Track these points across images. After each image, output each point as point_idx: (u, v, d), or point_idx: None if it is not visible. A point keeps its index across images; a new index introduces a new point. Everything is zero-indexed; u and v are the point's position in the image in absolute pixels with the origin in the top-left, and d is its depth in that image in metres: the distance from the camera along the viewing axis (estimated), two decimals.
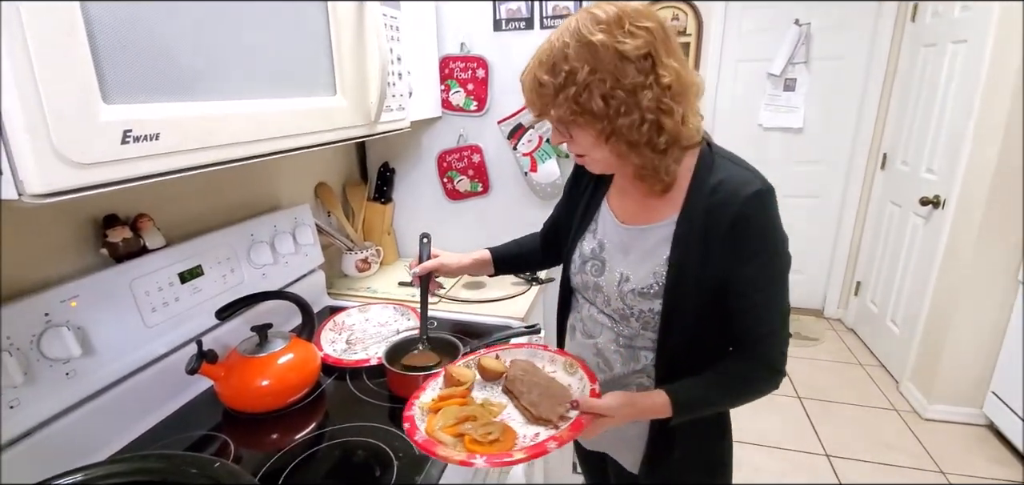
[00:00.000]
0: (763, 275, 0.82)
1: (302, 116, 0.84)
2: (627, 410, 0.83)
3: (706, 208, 0.81)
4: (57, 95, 0.49)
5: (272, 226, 1.27)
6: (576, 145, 0.85)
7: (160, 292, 0.99)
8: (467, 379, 0.94)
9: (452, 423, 0.82)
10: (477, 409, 0.86)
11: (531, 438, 0.80)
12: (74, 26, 0.50)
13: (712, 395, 0.87)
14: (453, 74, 1.59)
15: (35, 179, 0.48)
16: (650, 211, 0.88)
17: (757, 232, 0.80)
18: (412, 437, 0.80)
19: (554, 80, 0.76)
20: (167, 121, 0.60)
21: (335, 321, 1.34)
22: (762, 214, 0.79)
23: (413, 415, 0.85)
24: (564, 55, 0.75)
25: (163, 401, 1.00)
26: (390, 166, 1.77)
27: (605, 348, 0.95)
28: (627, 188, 0.93)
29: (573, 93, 0.76)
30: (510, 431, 0.82)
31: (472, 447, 0.77)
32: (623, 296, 0.89)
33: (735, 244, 0.79)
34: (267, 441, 0.94)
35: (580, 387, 0.91)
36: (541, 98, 0.80)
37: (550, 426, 0.82)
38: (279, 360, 1.00)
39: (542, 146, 1.58)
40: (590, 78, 0.74)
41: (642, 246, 0.88)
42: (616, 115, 0.76)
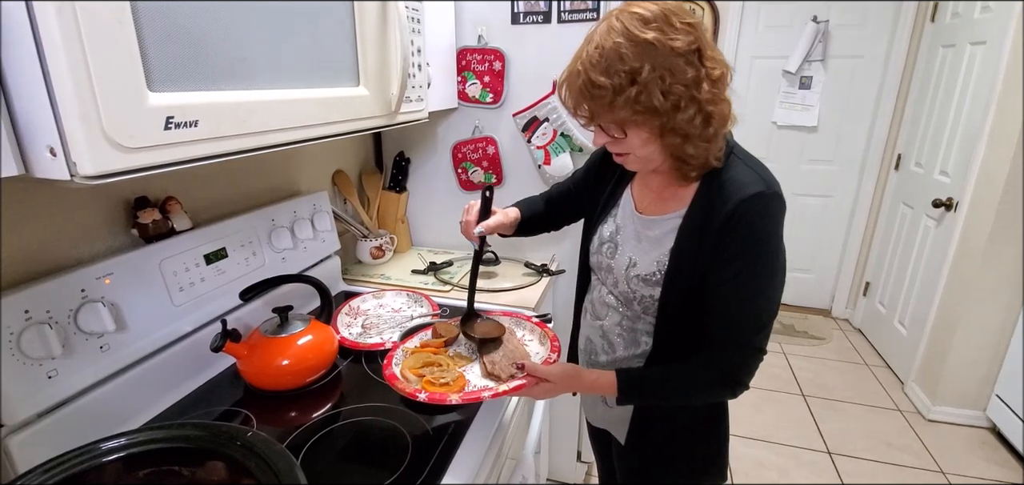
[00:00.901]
0: (741, 281, 0.80)
1: (328, 105, 0.87)
2: (570, 381, 0.93)
3: (709, 204, 0.82)
4: (108, 83, 0.52)
5: (292, 212, 1.31)
6: (625, 144, 0.84)
7: (187, 272, 1.02)
8: (447, 333, 1.09)
9: (419, 366, 0.99)
10: (445, 358, 1.03)
11: (478, 389, 0.93)
12: (123, 18, 0.53)
13: (662, 387, 0.90)
14: (470, 66, 1.61)
15: (87, 162, 0.52)
16: (664, 203, 0.91)
17: (744, 235, 0.79)
18: (385, 370, 0.97)
19: (612, 82, 0.75)
20: (205, 108, 0.63)
21: (350, 306, 1.38)
22: (755, 218, 0.79)
23: (395, 355, 1.02)
24: (619, 56, 0.75)
25: (189, 376, 1.04)
26: (405, 155, 1.80)
27: (610, 330, 0.99)
28: (649, 179, 0.96)
29: (634, 93, 0.75)
30: (462, 378, 0.96)
31: (425, 386, 0.92)
32: (629, 280, 0.92)
33: (724, 243, 0.80)
34: (287, 418, 0.97)
35: (544, 355, 1.04)
36: (597, 101, 0.78)
37: (498, 381, 0.94)
38: (299, 341, 1.03)
39: (556, 139, 1.60)
40: (650, 76, 0.74)
41: (652, 235, 0.91)
42: (675, 110, 0.77)
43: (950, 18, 2.71)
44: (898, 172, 3.13)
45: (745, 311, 0.82)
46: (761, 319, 0.82)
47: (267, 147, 0.74)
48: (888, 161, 3.21)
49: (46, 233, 0.85)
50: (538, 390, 0.92)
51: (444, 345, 1.07)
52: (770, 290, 0.82)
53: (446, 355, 1.04)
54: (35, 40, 0.47)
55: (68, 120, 0.50)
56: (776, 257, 0.81)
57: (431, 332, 1.12)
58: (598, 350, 1.02)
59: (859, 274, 3.49)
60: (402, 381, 0.93)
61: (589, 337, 1.05)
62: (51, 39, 0.47)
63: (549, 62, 1.55)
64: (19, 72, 0.49)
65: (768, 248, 0.80)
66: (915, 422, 2.53)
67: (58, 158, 0.52)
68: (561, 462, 2.03)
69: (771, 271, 0.81)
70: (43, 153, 0.52)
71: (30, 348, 0.75)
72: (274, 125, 0.74)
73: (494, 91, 1.62)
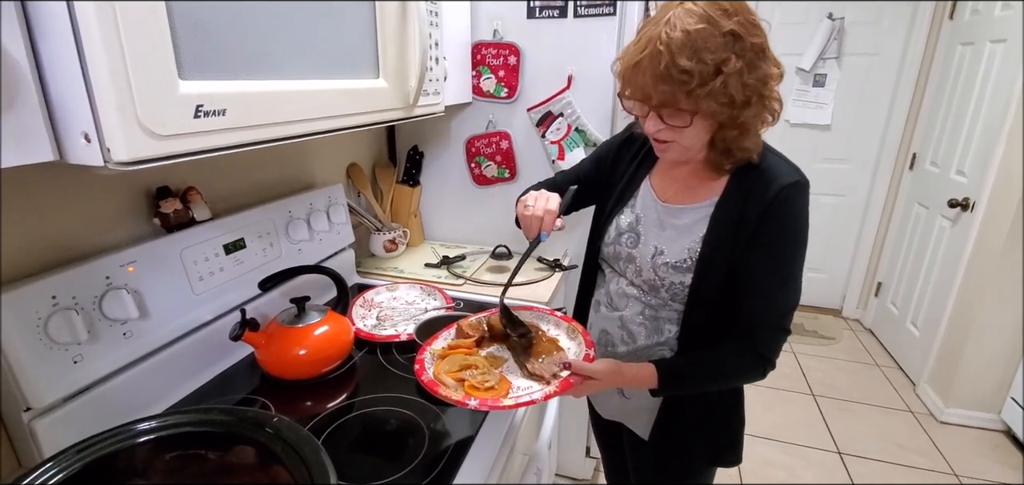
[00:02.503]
0: (777, 264, 0.85)
1: (349, 97, 0.87)
2: (614, 377, 0.91)
3: (747, 193, 0.86)
4: (143, 71, 0.52)
5: (308, 204, 1.32)
6: (681, 134, 0.84)
7: (206, 262, 1.04)
8: (476, 332, 1.04)
9: (456, 369, 0.93)
10: (480, 360, 0.97)
11: (524, 391, 0.89)
12: (157, 8, 0.54)
13: (700, 373, 0.92)
14: (485, 60, 1.61)
15: (121, 148, 0.52)
16: (692, 191, 0.93)
17: (782, 221, 0.84)
18: (420, 377, 0.90)
19: (698, 68, 0.75)
20: (233, 97, 0.64)
21: (365, 298, 1.39)
22: (792, 205, 0.83)
23: (424, 359, 0.96)
24: (706, 44, 0.74)
25: (208, 364, 1.05)
26: (419, 149, 1.81)
27: (630, 320, 1.00)
28: (674, 170, 0.97)
29: (719, 83, 0.75)
30: (505, 381, 0.91)
31: (470, 391, 0.87)
32: (656, 268, 0.94)
33: (762, 229, 0.84)
34: (304, 407, 0.98)
35: (578, 351, 0.99)
36: (680, 86, 0.77)
37: (542, 382, 0.90)
38: (316, 331, 1.04)
39: (570, 134, 1.60)
40: (734, 68, 0.75)
41: (679, 223, 0.93)
42: (746, 105, 0.79)
43: (970, 15, 2.67)
44: (912, 171, 3.10)
45: (781, 295, 0.86)
46: (792, 302, 0.87)
47: (291, 137, 0.74)
48: (903, 160, 3.18)
49: (72, 220, 0.86)
50: (583, 388, 0.91)
51: (475, 345, 1.02)
52: (798, 274, 0.87)
53: (479, 355, 0.99)
54: (73, 29, 0.48)
55: (104, 107, 0.51)
56: (804, 242, 0.86)
57: (456, 330, 1.06)
58: (616, 341, 1.03)
59: (871, 274, 3.46)
60: (443, 388, 0.87)
61: (604, 329, 1.06)
62: (89, 29, 0.48)
63: (564, 57, 1.55)
64: (56, 60, 0.50)
65: (802, 235, 0.85)
66: (927, 424, 2.51)
67: (92, 144, 0.53)
68: (570, 458, 2.03)
69: (802, 256, 0.86)
70: (78, 139, 0.52)
71: (57, 333, 0.77)
72: (298, 115, 0.74)
73: (508, 86, 1.62)
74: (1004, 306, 2.31)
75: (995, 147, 2.31)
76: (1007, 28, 2.33)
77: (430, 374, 0.92)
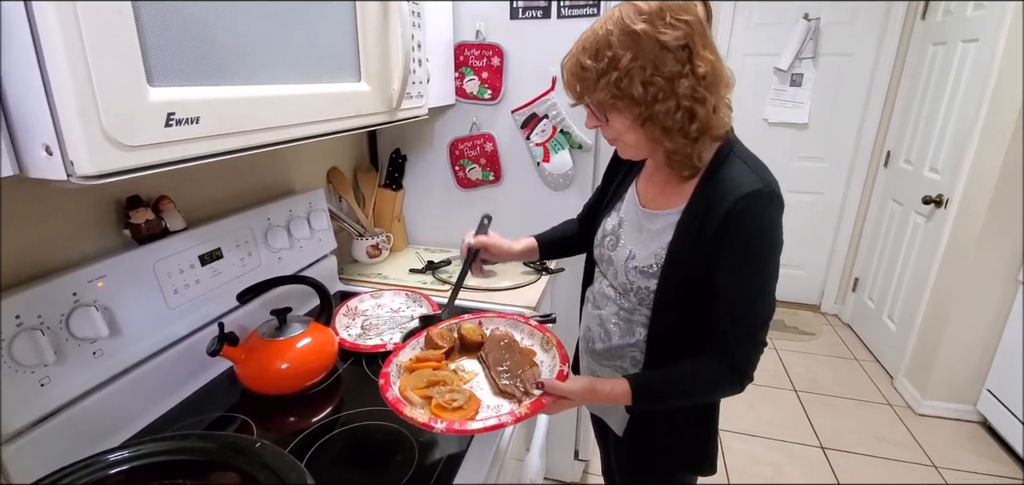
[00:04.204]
0: (745, 275, 0.82)
1: (330, 101, 0.84)
2: (588, 395, 0.89)
3: (708, 202, 0.84)
4: (107, 78, 0.49)
5: (288, 210, 1.28)
6: (610, 129, 0.89)
7: (181, 274, 0.99)
8: (446, 343, 1.00)
9: (422, 385, 0.88)
10: (449, 375, 0.92)
11: (493, 409, 0.85)
12: (121, 9, 0.50)
13: (676, 389, 0.90)
14: (468, 62, 1.59)
15: (85, 161, 0.49)
16: (666, 197, 0.92)
17: (744, 233, 0.80)
18: (384, 393, 0.86)
19: (597, 65, 0.80)
20: (207, 104, 0.60)
21: (348, 306, 1.35)
22: (754, 216, 0.80)
23: (389, 372, 0.91)
24: (607, 42, 0.79)
25: (185, 381, 1.01)
26: (402, 152, 1.77)
27: (607, 319, 1.01)
28: (653, 174, 0.98)
29: (614, 78, 0.79)
30: (475, 400, 0.87)
31: (437, 411, 0.82)
32: (627, 271, 0.95)
33: (723, 241, 0.81)
34: (286, 423, 0.95)
35: (551, 364, 0.97)
36: (582, 82, 0.84)
37: (513, 400, 0.87)
38: (298, 344, 1.01)
39: (555, 136, 1.59)
40: (631, 65, 0.78)
41: (652, 228, 0.93)
42: (653, 101, 0.80)
43: (942, 16, 2.73)
44: (887, 169, 3.16)
45: (748, 308, 0.83)
46: (763, 315, 0.84)
47: (270, 144, 0.71)
48: (877, 158, 3.24)
49: (35, 235, 0.81)
50: (555, 407, 0.88)
51: (444, 356, 0.98)
52: (770, 285, 0.84)
53: (448, 369, 0.95)
54: (32, 33, 0.45)
55: (66, 117, 0.47)
56: (776, 254, 0.83)
57: (424, 340, 1.02)
58: (595, 338, 1.04)
59: (848, 270, 3.52)
60: (409, 407, 0.83)
61: (589, 326, 1.07)
62: (49, 31, 0.45)
63: (548, 58, 1.53)
64: (14, 66, 0.47)
65: (766, 245, 0.82)
66: (905, 416, 2.56)
67: (54, 157, 0.49)
68: (559, 460, 2.02)
69: (775, 267, 0.83)
70: (38, 152, 0.49)
71: (22, 355, 0.72)
72: (276, 121, 0.71)
73: (492, 87, 1.59)
74: (978, 300, 2.36)
75: (968, 144, 2.37)
76: (979, 28, 2.38)
77: (395, 391, 0.87)
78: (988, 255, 2.30)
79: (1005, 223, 2.24)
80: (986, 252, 2.29)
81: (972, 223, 2.33)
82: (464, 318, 1.07)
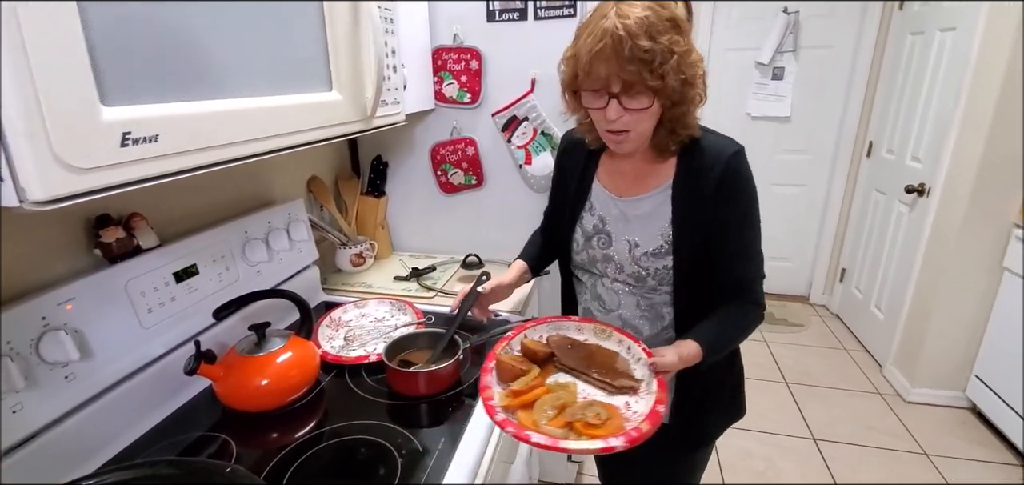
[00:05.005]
0: (748, 224, 0.94)
1: (299, 113, 0.83)
2: (679, 360, 0.90)
3: (697, 170, 0.93)
4: (56, 98, 0.47)
5: (266, 222, 1.26)
6: (636, 119, 0.88)
7: (156, 292, 0.97)
8: (542, 351, 0.94)
9: (554, 415, 0.80)
10: (564, 394, 0.85)
11: (624, 408, 0.82)
12: (71, 26, 0.49)
13: (725, 336, 0.97)
14: (446, 66, 1.58)
15: (36, 186, 0.47)
16: (643, 181, 0.98)
17: (741, 186, 0.92)
18: (528, 441, 0.75)
19: (658, 46, 0.80)
20: (166, 122, 0.59)
21: (331, 317, 1.34)
22: (743, 170, 0.92)
23: (504, 420, 0.79)
24: (657, 28, 0.81)
25: (162, 402, 0.99)
26: (383, 159, 1.76)
27: (630, 316, 1.03)
28: (620, 165, 1.02)
29: (675, 61, 0.82)
30: (611, 407, 0.82)
31: (588, 431, 0.76)
32: (636, 260, 0.98)
33: (725, 195, 0.91)
34: (268, 440, 0.93)
35: (626, 349, 0.95)
36: (644, 65, 0.81)
37: (631, 393, 0.85)
38: (278, 359, 0.99)
39: (536, 138, 1.58)
40: (683, 49, 0.83)
41: (640, 213, 0.98)
42: (691, 84, 0.86)
43: (919, 6, 2.76)
44: (870, 159, 3.19)
45: (755, 249, 0.96)
46: (761, 251, 0.97)
47: (235, 159, 0.70)
48: (860, 149, 3.26)
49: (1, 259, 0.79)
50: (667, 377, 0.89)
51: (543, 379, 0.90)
52: (760, 225, 0.96)
53: (563, 390, 0.87)
54: None
55: (13, 141, 0.46)
56: (757, 197, 0.95)
57: (520, 349, 0.95)
58: None
59: (835, 261, 3.55)
60: (566, 441, 0.74)
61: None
62: None
63: (527, 60, 1.52)
64: None
65: (754, 192, 0.94)
66: (895, 404, 2.58)
67: (5, 183, 0.47)
68: (552, 462, 2.01)
69: (758, 211, 0.95)
70: None
71: None
72: (242, 136, 0.70)
73: (472, 91, 1.59)
74: (963, 286, 2.38)
75: (948, 133, 2.39)
76: (956, 17, 2.40)
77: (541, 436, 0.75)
78: (971, 242, 2.32)
79: (987, 210, 2.26)
80: (969, 239, 2.32)
81: (955, 211, 2.35)
82: (509, 336, 0.99)
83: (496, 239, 1.74)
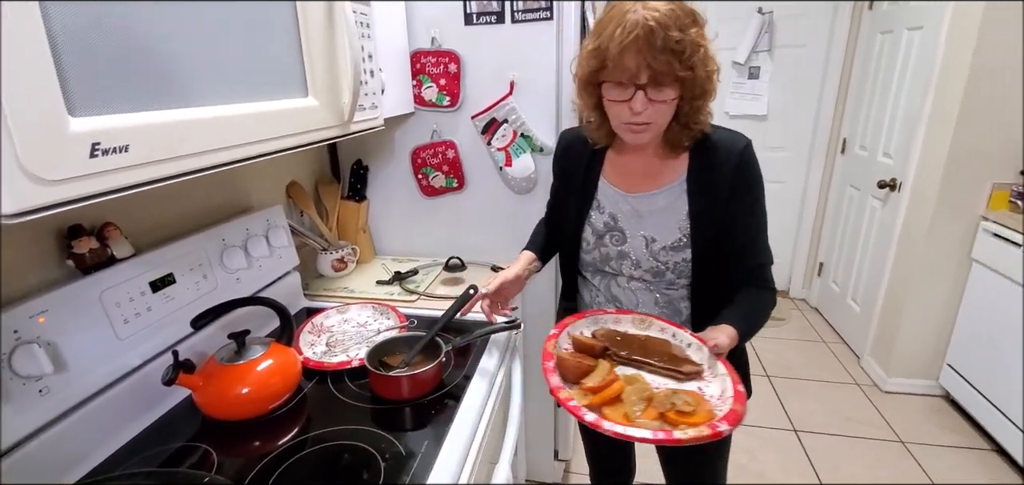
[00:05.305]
0: (759, 213, 0.99)
1: (274, 119, 0.82)
2: (729, 341, 0.93)
3: (710, 164, 0.96)
4: (22, 110, 0.47)
5: (244, 229, 1.25)
6: (659, 110, 0.90)
7: (131, 302, 0.96)
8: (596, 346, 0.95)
9: (645, 407, 0.80)
10: (641, 386, 0.86)
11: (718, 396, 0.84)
12: (35, 36, 0.48)
13: (752, 320, 0.99)
14: (425, 69, 1.58)
15: (5, 199, 0.47)
16: (654, 179, 1.01)
17: (754, 177, 0.96)
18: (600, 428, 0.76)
19: (687, 37, 0.84)
20: (136, 131, 0.58)
21: (313, 323, 1.33)
22: (754, 161, 0.96)
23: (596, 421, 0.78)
24: (684, 21, 0.84)
25: (140, 413, 0.97)
26: (363, 163, 1.75)
27: (649, 313, 1.05)
28: (628, 162, 1.03)
29: (702, 54, 0.85)
30: (694, 393, 0.84)
31: (683, 419, 0.77)
32: (655, 255, 1.00)
33: (739, 186, 0.95)
34: (250, 448, 0.92)
35: (671, 336, 0.97)
36: (676, 56, 0.84)
37: (698, 378, 0.88)
38: (259, 366, 0.98)
39: (516, 140, 1.59)
40: (706, 42, 0.87)
41: (655, 208, 1.00)
42: (710, 79, 0.90)
43: (887, 5, 2.83)
44: (844, 155, 3.26)
45: (765, 236, 1.00)
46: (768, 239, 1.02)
47: (209, 168, 0.69)
48: (834, 145, 3.34)
49: None
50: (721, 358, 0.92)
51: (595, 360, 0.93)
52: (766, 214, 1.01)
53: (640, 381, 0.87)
54: None
55: None
56: None
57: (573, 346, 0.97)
58: None
59: (813, 255, 3.62)
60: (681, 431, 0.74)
61: None
62: None
63: (505, 62, 1.53)
64: None
65: (763, 181, 0.98)
66: (872, 394, 2.64)
67: None
68: (538, 461, 2.02)
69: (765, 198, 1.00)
70: None
71: None
72: (216, 144, 0.69)
73: (451, 94, 1.59)
74: (934, 278, 2.45)
75: (917, 129, 2.45)
76: (923, 15, 2.47)
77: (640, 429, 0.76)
78: (941, 235, 2.38)
79: (956, 203, 2.33)
80: (939, 232, 2.38)
81: (925, 205, 2.41)
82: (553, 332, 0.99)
83: (478, 241, 1.74)
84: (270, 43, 0.81)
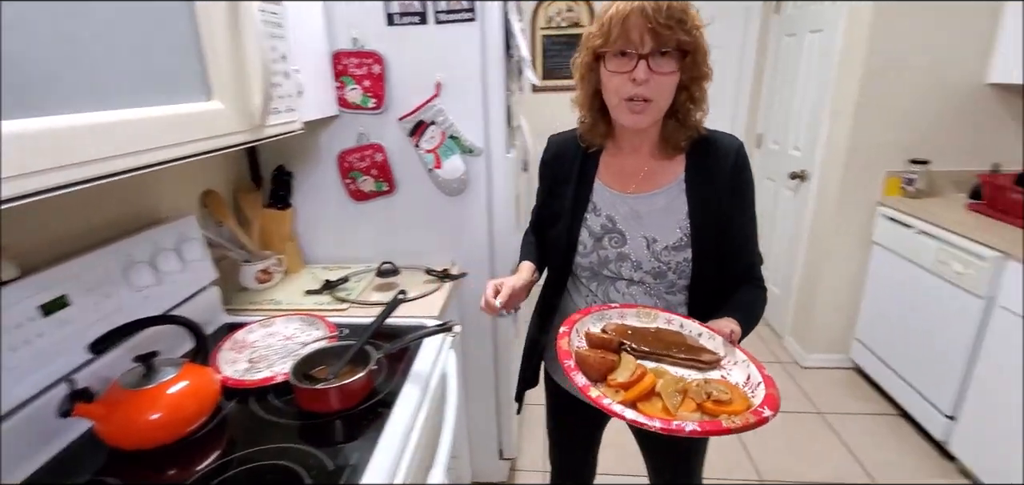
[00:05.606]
0: (751, 213, 1.02)
1: (173, 124, 0.77)
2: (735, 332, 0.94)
3: (708, 164, 0.98)
4: None
5: (152, 243, 1.16)
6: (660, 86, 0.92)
7: (19, 329, 0.87)
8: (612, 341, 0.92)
9: (681, 400, 0.79)
10: (671, 378, 0.84)
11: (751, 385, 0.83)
12: None
13: (750, 316, 1.00)
14: (347, 70, 1.53)
15: None
16: (651, 180, 1.01)
17: (749, 177, 1.00)
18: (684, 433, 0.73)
19: (688, 12, 0.89)
20: (9, 141, 0.53)
21: (235, 339, 1.26)
22: (748, 161, 1.00)
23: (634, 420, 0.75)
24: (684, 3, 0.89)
25: (35, 451, 0.88)
26: (286, 169, 1.68)
27: (653, 306, 1.04)
28: (624, 164, 1.04)
29: (701, 32, 0.91)
30: (728, 383, 0.84)
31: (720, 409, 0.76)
32: (656, 255, 1.00)
33: (735, 186, 0.98)
34: (164, 478, 0.86)
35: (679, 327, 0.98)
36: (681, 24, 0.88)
37: (718, 367, 0.88)
38: (170, 390, 0.92)
39: (445, 142, 1.58)
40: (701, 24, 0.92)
41: (654, 209, 1.01)
42: (705, 77, 0.95)
43: (791, 8, 3.03)
44: (760, 150, 3.46)
45: (756, 235, 1.04)
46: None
47: (98, 178, 0.64)
48: (752, 141, 3.54)
49: None
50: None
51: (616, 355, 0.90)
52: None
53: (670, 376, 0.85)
54: None
55: None
56: None
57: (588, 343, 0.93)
58: None
59: None
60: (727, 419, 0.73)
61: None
62: None
63: (430, 63, 1.52)
64: None
65: (753, 181, 1.02)
66: (793, 371, 2.82)
67: None
68: (482, 462, 2.01)
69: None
70: None
71: None
72: (106, 152, 0.64)
73: (375, 96, 1.55)
74: (842, 260, 2.66)
75: (820, 124, 2.65)
76: (822, 19, 2.67)
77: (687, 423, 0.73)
78: (845, 221, 2.58)
79: (856, 191, 2.53)
80: (843, 218, 2.58)
81: (830, 193, 2.61)
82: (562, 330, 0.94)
83: (411, 245, 1.71)
84: (163, 45, 0.76)
